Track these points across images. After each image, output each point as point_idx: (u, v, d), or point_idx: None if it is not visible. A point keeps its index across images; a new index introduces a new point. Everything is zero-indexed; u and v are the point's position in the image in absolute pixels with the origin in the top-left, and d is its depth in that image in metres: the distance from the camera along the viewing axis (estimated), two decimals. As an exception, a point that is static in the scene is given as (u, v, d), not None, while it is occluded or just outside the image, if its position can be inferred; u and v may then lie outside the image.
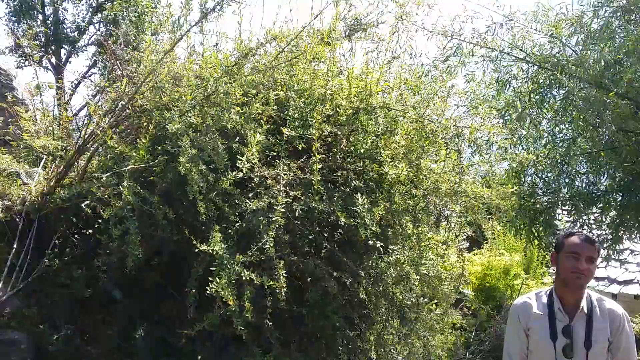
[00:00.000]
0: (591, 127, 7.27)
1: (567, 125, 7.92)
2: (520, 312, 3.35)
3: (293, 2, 5.23)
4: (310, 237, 4.53)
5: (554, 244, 3.38)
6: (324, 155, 4.51)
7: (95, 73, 12.88)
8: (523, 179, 8.18)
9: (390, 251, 4.82)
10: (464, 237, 5.51)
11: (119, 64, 5.41)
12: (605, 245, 7.87)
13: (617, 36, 7.48)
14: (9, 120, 5.92)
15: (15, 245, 4.62)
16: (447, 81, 5.59)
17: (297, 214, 4.24)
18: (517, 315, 3.36)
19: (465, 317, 9.18)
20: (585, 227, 7.85)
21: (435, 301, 5.28)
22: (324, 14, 4.96)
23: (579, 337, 3.17)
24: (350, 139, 4.86)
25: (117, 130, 5.06)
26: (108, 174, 4.59)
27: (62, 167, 5.05)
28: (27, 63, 12.37)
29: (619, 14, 7.44)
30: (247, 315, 3.86)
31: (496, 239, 10.81)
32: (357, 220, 4.26)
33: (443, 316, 5.36)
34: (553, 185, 7.98)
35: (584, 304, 3.22)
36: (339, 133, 4.76)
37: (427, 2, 5.31)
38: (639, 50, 6.72)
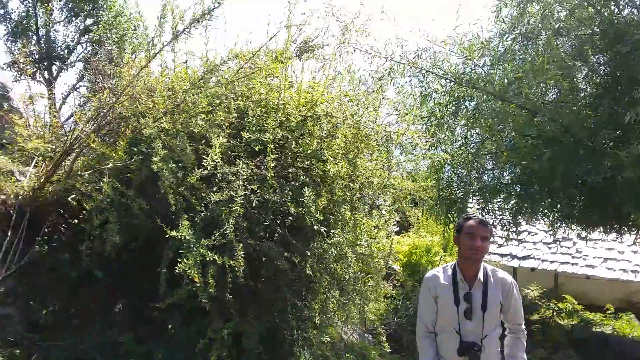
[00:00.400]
0: (496, 132, 7.40)
1: (477, 131, 8.04)
2: (430, 283, 3.36)
3: (252, 26, 5.18)
4: (265, 223, 4.46)
5: (455, 228, 3.41)
6: (277, 155, 4.45)
7: (82, 86, 12.47)
8: (442, 175, 8.29)
9: (332, 234, 4.79)
10: (395, 222, 5.53)
11: (101, 78, 5.24)
12: (506, 227, 8.05)
13: (517, 58, 7.63)
14: (5, 126, 5.68)
15: (9, 234, 4.43)
16: (379, 93, 5.60)
17: (254, 205, 4.19)
18: (427, 285, 3.38)
19: (394, 288, 9.25)
20: (491, 213, 8.01)
21: (370, 275, 5.28)
22: (277, 37, 4.92)
23: (477, 302, 3.21)
24: (299, 142, 4.82)
25: (100, 134, 4.90)
26: (90, 171, 4.45)
27: (51, 166, 4.86)
28: (22, 77, 11.89)
29: (519, 40, 7.60)
30: (210, 290, 3.80)
31: (420, 223, 10.89)
32: (305, 209, 4.23)
33: (376, 287, 5.35)
34: (466, 179, 8.09)
35: (480, 274, 3.26)
36: (290, 137, 4.73)
37: (365, 29, 5.34)
38: (535, 69, 6.86)
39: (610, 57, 6.68)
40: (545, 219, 8.06)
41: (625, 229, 7.79)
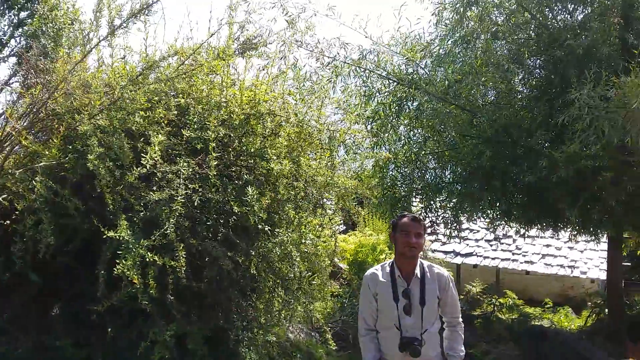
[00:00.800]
0: (438, 132, 7.60)
1: (419, 130, 8.24)
2: (369, 281, 3.45)
3: (193, 22, 5.12)
4: (208, 223, 4.40)
5: (391, 226, 3.50)
6: (219, 154, 4.41)
7: (16, 81, 11.94)
8: (386, 173, 8.44)
9: (276, 233, 4.77)
10: (341, 221, 5.58)
11: (34, 73, 5.05)
12: (448, 225, 8.28)
13: (458, 60, 7.87)
14: None
15: None
16: (323, 92, 5.64)
17: (195, 204, 4.13)
18: (367, 284, 3.46)
19: (341, 286, 9.33)
20: (434, 211, 8.22)
21: (315, 274, 5.31)
22: (220, 34, 4.89)
23: (415, 297, 3.31)
24: (242, 140, 4.79)
25: (32, 131, 4.72)
26: (22, 170, 4.28)
27: (-21, 164, 4.65)
28: (-51, 71, 11.32)
29: (459, 43, 7.83)
30: (151, 291, 3.73)
31: (366, 222, 11.03)
32: (248, 208, 4.21)
33: (322, 286, 5.39)
34: (409, 178, 8.28)
35: (417, 270, 3.36)
36: (232, 135, 4.69)
37: (311, 24, 5.42)
38: (474, 72, 7.09)
39: (545, 61, 7.00)
40: (485, 217, 8.35)
41: (561, 226, 8.15)
